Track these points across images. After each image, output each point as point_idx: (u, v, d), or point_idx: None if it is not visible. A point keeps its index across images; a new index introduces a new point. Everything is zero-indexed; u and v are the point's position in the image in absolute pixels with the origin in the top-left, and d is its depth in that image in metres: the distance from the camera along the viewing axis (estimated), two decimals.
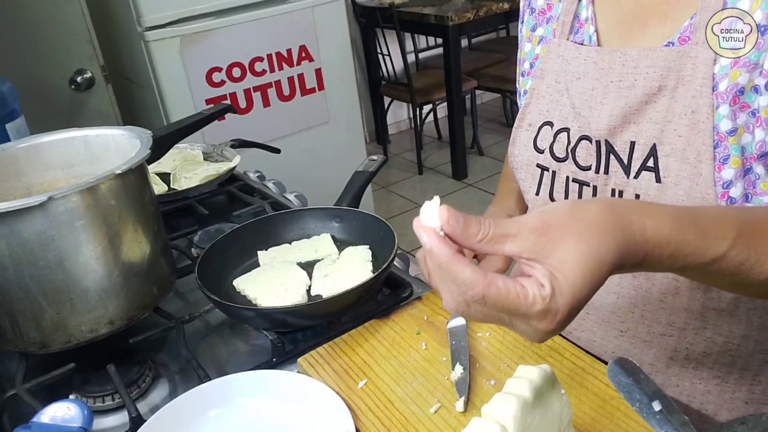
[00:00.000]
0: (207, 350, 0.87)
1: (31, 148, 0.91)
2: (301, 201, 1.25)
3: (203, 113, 1.12)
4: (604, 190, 0.74)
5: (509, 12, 3.54)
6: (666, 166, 0.68)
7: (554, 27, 0.81)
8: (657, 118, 0.68)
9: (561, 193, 0.79)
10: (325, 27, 2.40)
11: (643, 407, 0.54)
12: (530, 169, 0.82)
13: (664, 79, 0.67)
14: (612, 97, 0.71)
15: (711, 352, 0.74)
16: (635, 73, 0.69)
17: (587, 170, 0.75)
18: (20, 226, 0.71)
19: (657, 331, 0.75)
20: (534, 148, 0.81)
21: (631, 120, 0.70)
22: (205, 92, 2.20)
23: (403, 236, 0.87)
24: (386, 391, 0.71)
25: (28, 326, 0.77)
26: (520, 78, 0.90)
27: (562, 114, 0.78)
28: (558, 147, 0.78)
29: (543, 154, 0.80)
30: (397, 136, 4.57)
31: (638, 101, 0.69)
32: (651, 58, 0.68)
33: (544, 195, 0.81)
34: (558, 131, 0.78)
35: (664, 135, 0.68)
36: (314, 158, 2.49)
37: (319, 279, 0.89)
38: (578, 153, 0.76)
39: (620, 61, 0.71)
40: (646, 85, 0.69)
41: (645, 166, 0.70)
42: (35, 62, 1.90)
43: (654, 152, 0.69)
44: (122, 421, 0.75)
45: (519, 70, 0.89)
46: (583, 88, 0.74)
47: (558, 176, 0.78)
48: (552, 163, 0.79)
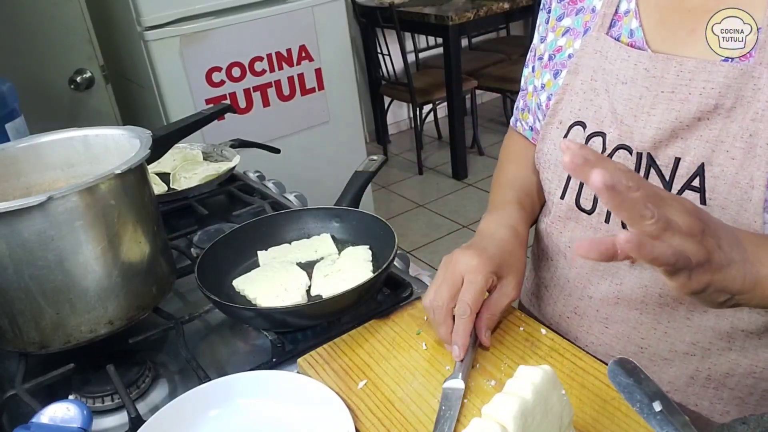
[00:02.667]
0: (207, 350, 0.87)
1: (30, 148, 0.91)
2: (301, 201, 1.25)
3: (203, 113, 1.12)
4: None
5: (509, 12, 3.54)
6: (713, 188, 0.65)
7: (586, 19, 0.77)
8: (708, 137, 0.65)
9: (589, 202, 0.76)
10: (325, 27, 2.40)
11: (643, 408, 0.54)
12: (557, 171, 0.79)
13: (721, 97, 0.63)
14: (661, 108, 0.67)
15: (734, 373, 0.72)
16: (690, 86, 0.65)
17: None
18: (20, 226, 0.71)
19: (680, 349, 0.73)
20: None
21: (678, 135, 0.66)
22: (204, 92, 2.20)
23: (403, 236, 0.87)
24: (386, 392, 0.71)
25: (27, 326, 0.77)
26: (530, 70, 0.86)
27: (597, 116, 0.74)
28: None
29: None
30: (397, 136, 4.56)
31: (690, 117, 0.65)
32: (709, 72, 0.63)
33: (569, 200, 0.78)
34: (591, 135, 0.74)
35: (715, 156, 0.64)
36: (314, 158, 2.49)
37: (319, 279, 0.89)
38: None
39: (675, 71, 0.66)
40: (701, 101, 0.64)
41: (689, 185, 0.66)
42: (35, 62, 1.90)
43: (701, 172, 0.65)
44: (122, 421, 0.75)
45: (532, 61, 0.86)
46: (628, 95, 0.69)
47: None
48: None
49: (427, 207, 3.55)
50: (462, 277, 0.72)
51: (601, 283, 0.78)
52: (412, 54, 4.06)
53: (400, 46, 3.57)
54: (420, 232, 3.28)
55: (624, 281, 0.75)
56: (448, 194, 3.66)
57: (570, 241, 0.81)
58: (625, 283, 0.75)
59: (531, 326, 0.78)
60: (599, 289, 0.78)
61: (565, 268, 0.83)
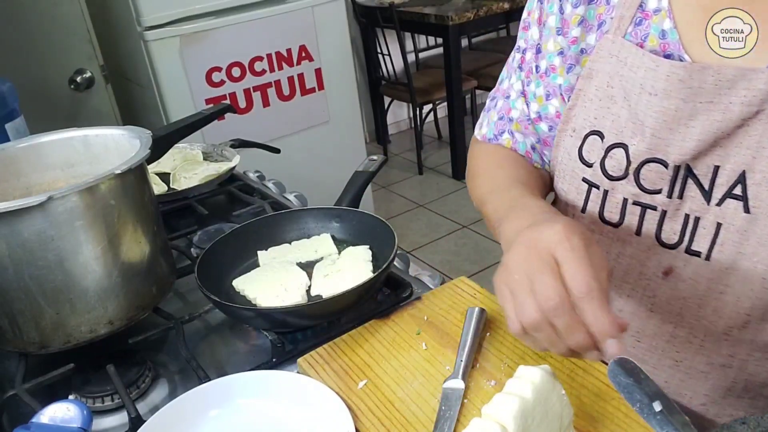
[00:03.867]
0: (207, 350, 0.87)
1: (30, 148, 0.91)
2: (301, 201, 1.25)
3: (203, 113, 1.12)
4: (675, 215, 0.68)
5: (509, 12, 3.54)
6: (756, 196, 0.62)
7: (600, 11, 0.71)
8: (749, 144, 0.62)
9: (615, 215, 0.72)
10: (325, 27, 2.40)
11: (643, 408, 0.54)
12: (575, 182, 0.74)
13: (763, 103, 0.60)
14: (701, 120, 0.63)
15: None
16: (730, 95, 0.61)
17: (655, 194, 0.68)
18: (20, 226, 0.71)
19: (716, 362, 0.71)
20: (579, 159, 0.73)
21: (717, 144, 0.63)
22: (204, 92, 2.20)
23: (403, 236, 0.87)
24: (386, 392, 0.71)
25: (27, 326, 0.77)
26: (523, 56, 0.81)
27: (615, 126, 0.70)
28: (612, 164, 0.70)
29: (591, 169, 0.72)
30: (397, 136, 4.57)
31: (732, 126, 0.62)
32: (749, 80, 0.60)
33: (592, 213, 0.73)
34: (611, 146, 0.70)
35: (757, 162, 0.62)
36: (314, 158, 2.49)
37: (319, 279, 0.89)
38: (644, 175, 0.68)
39: (713, 80, 0.61)
40: (742, 110, 0.61)
41: (731, 194, 0.64)
42: (35, 62, 1.90)
43: (743, 179, 0.63)
44: (122, 421, 0.75)
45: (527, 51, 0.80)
46: (661, 107, 0.64)
47: (611, 196, 0.71)
48: (603, 181, 0.71)
49: (427, 207, 3.55)
50: (552, 256, 0.54)
51: (632, 296, 0.75)
52: (412, 54, 4.06)
53: (400, 46, 3.57)
54: (420, 232, 3.28)
55: (657, 294, 0.72)
56: (448, 194, 3.66)
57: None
58: (659, 296, 0.72)
59: None
60: (629, 303, 0.75)
61: None
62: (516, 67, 0.85)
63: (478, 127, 0.91)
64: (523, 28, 0.82)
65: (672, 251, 0.70)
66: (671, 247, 0.70)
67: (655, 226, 0.70)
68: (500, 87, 0.88)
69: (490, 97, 0.91)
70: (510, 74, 0.86)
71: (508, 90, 0.86)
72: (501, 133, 0.87)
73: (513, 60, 0.86)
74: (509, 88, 0.86)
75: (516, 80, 0.84)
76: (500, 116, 0.87)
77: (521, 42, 0.83)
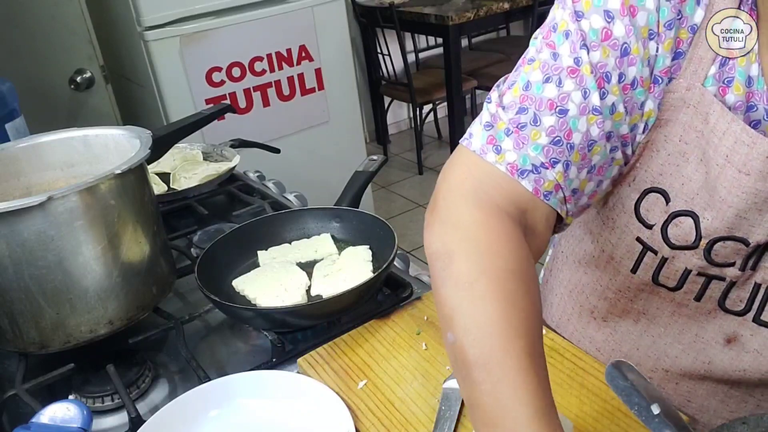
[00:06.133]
0: (207, 350, 0.86)
1: (30, 148, 0.91)
2: (301, 201, 1.25)
3: (203, 113, 1.12)
4: (744, 284, 0.63)
5: (509, 12, 3.54)
6: None
7: (682, 36, 0.57)
8: None
9: (672, 281, 0.65)
10: (325, 27, 2.39)
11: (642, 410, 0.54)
12: (626, 239, 0.66)
13: None
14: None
15: None
16: None
17: (727, 267, 0.62)
18: (20, 226, 0.71)
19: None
20: (636, 216, 0.64)
21: None
22: (204, 92, 2.20)
23: (403, 236, 0.87)
24: (386, 392, 0.71)
25: (27, 326, 0.77)
26: (588, 56, 0.56)
27: (685, 190, 0.60)
28: (677, 234, 0.62)
29: (650, 231, 0.63)
30: (397, 136, 4.56)
31: None
32: None
33: (644, 276, 0.67)
34: (677, 213, 0.61)
35: None
36: (314, 158, 2.49)
37: (319, 279, 0.89)
38: (716, 251, 0.61)
39: None
40: None
41: None
42: (35, 62, 1.90)
43: None
44: (122, 421, 0.75)
45: (594, 50, 0.56)
46: (753, 189, 0.56)
47: (671, 264, 0.64)
48: (663, 248, 0.63)
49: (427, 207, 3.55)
50: None
51: (681, 357, 0.70)
52: (412, 54, 4.05)
53: (400, 46, 3.57)
54: (420, 232, 3.23)
55: (714, 361, 0.68)
56: None
57: (645, 309, 0.71)
58: (716, 362, 0.68)
59: None
60: (679, 363, 0.71)
61: (633, 333, 0.73)
62: (567, 68, 0.57)
63: (492, 150, 0.58)
64: (574, 18, 0.57)
65: (738, 318, 0.65)
66: (737, 314, 0.65)
67: (719, 294, 0.65)
68: (531, 94, 0.58)
69: (507, 106, 0.59)
70: (556, 78, 0.58)
71: (560, 102, 0.57)
72: (554, 163, 0.58)
73: (554, 58, 0.58)
74: (563, 98, 0.57)
75: (575, 89, 0.57)
76: (554, 139, 0.58)
77: (576, 36, 0.57)
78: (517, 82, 0.60)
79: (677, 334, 0.70)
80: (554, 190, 0.58)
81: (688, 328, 0.69)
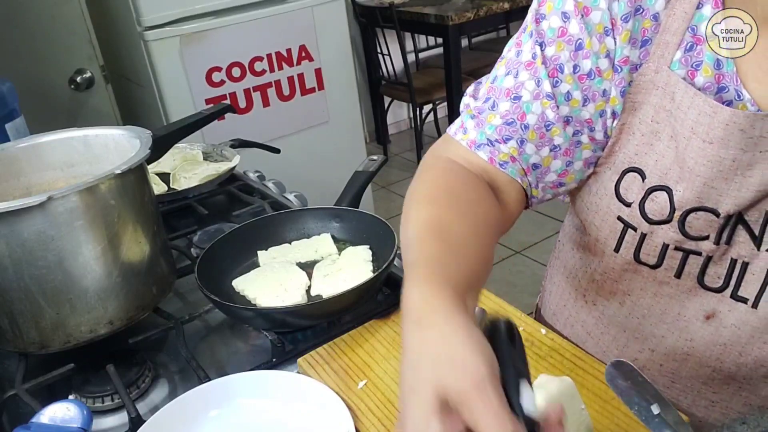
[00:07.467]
0: (207, 350, 0.87)
1: (30, 148, 0.91)
2: (301, 201, 1.25)
3: (203, 113, 1.12)
4: (721, 259, 0.65)
5: (509, 12, 3.54)
6: None
7: (645, 25, 0.62)
8: None
9: (653, 258, 0.68)
10: (325, 27, 2.40)
11: (641, 410, 0.54)
12: (608, 219, 0.69)
13: None
14: (761, 168, 0.58)
15: None
16: None
17: (701, 240, 0.64)
18: (20, 226, 0.71)
19: (755, 403, 0.70)
20: (616, 196, 0.68)
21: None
22: (204, 92, 2.20)
23: None
24: (386, 392, 0.71)
25: (27, 326, 0.77)
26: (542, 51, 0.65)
27: (659, 166, 0.64)
28: (653, 208, 0.65)
29: (629, 209, 0.67)
30: (397, 136, 4.56)
31: None
32: None
33: (626, 255, 0.69)
34: (653, 188, 0.65)
35: None
36: (314, 158, 2.49)
37: (319, 279, 0.89)
38: (689, 222, 0.63)
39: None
40: None
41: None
42: (35, 62, 1.90)
43: None
44: (122, 421, 0.75)
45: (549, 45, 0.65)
46: (716, 156, 0.59)
47: (650, 240, 0.67)
48: (642, 224, 0.66)
49: None
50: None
51: (667, 336, 0.72)
52: (412, 54, 4.05)
53: (400, 46, 3.57)
54: None
55: (695, 337, 0.70)
56: None
57: (630, 290, 0.73)
58: (697, 339, 0.70)
59: (531, 326, 0.78)
60: (664, 343, 0.73)
61: (619, 315, 0.75)
62: (524, 62, 0.67)
63: (461, 131, 0.70)
64: (535, 20, 0.67)
65: (716, 295, 0.67)
66: (715, 290, 0.67)
67: (697, 270, 0.67)
68: (495, 85, 0.69)
69: (479, 96, 0.70)
70: (514, 71, 0.68)
71: (515, 90, 0.67)
72: (506, 139, 0.67)
73: (518, 55, 0.68)
74: (518, 87, 0.67)
75: (529, 79, 0.66)
76: (508, 121, 0.67)
77: (535, 36, 0.67)
78: (489, 77, 0.71)
79: (660, 314, 0.72)
80: (509, 161, 0.67)
81: (671, 307, 0.71)
